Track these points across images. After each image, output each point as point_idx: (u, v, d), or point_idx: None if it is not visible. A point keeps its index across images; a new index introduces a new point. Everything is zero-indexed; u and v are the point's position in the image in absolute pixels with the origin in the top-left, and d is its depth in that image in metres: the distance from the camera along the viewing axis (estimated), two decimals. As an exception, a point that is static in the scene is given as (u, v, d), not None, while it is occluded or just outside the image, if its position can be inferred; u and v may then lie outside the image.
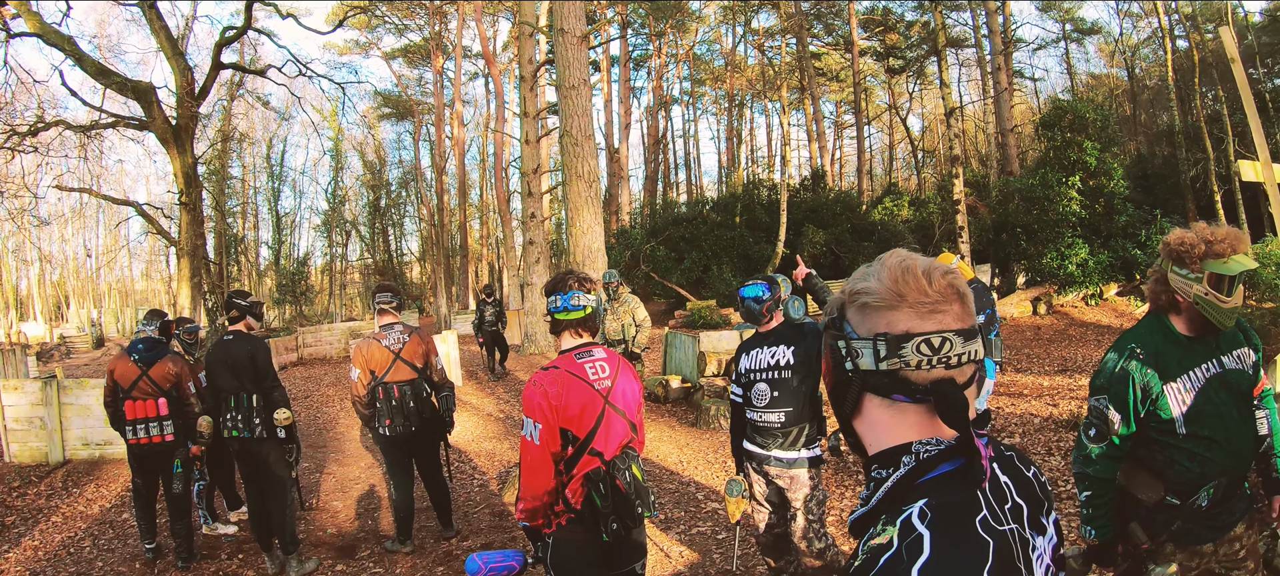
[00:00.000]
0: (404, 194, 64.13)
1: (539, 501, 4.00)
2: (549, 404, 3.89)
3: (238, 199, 56.05)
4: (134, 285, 66.80)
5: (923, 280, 1.49)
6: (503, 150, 44.74)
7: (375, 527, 9.05)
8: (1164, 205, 28.17)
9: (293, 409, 7.46)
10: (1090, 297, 24.17)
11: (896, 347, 1.46)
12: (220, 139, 47.08)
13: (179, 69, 23.72)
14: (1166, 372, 3.42)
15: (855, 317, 1.55)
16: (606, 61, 48.29)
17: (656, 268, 32.14)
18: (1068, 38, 50.07)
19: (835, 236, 31.80)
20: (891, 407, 1.53)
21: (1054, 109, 26.66)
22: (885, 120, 57.50)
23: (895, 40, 48.29)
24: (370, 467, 11.86)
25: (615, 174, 46.38)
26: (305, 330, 29.36)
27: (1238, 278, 3.29)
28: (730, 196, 39.23)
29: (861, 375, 1.53)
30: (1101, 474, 3.58)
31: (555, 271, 15.11)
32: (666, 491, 9.72)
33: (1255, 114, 5.13)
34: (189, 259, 23.80)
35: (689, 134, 62.16)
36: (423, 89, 57.04)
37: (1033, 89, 53.03)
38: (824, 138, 52.23)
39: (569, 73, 16.04)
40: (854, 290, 1.57)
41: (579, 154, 16.00)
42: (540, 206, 24.68)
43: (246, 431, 7.27)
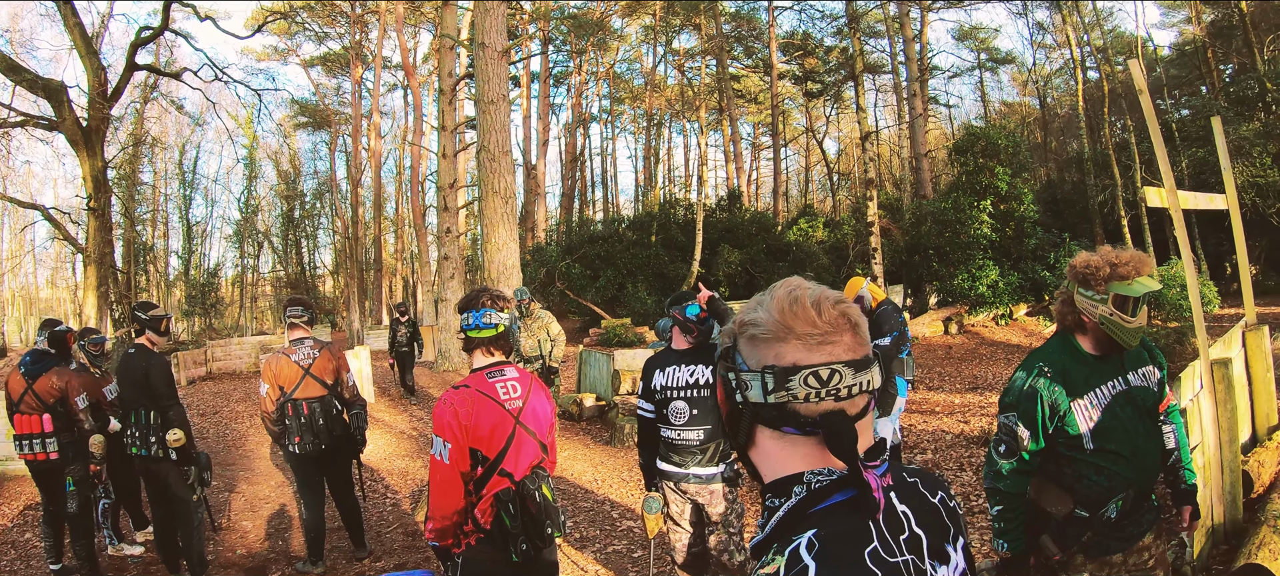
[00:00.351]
0: (318, 205, 63.25)
1: (448, 521, 3.98)
2: (459, 423, 3.87)
3: (148, 206, 54.69)
4: (39, 293, 64.94)
5: (811, 311, 1.47)
6: (420, 163, 44.47)
7: (286, 548, 8.90)
8: (1072, 229, 28.88)
9: (189, 428, 7.21)
10: (1000, 318, 24.62)
11: (784, 380, 1.43)
12: (132, 143, 45.87)
13: (92, 68, 23.18)
14: (1074, 390, 3.50)
15: (745, 349, 1.53)
16: (527, 77, 48.22)
17: (572, 285, 32.14)
18: (982, 66, 51.21)
19: (750, 256, 32.01)
20: (783, 439, 1.51)
21: (967, 135, 27.24)
22: (802, 143, 58.09)
23: (814, 65, 48.84)
24: (281, 486, 11.68)
25: (532, 190, 46.31)
26: (215, 343, 28.87)
27: (1141, 299, 3.38)
28: (647, 215, 39.37)
29: (752, 407, 1.50)
30: (1012, 488, 3.64)
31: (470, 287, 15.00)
32: (581, 510, 9.70)
33: (1161, 143, 5.28)
34: (96, 267, 23.23)
35: (607, 152, 62.32)
36: (341, 99, 56.35)
37: (947, 115, 54.05)
38: (741, 158, 52.60)
39: (488, 87, 15.98)
40: (743, 321, 1.55)
41: (496, 170, 15.95)
42: (456, 221, 24.56)
43: (144, 449, 7.08)
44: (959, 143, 27.57)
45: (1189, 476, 3.84)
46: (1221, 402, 5.84)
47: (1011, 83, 54.48)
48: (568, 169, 52.77)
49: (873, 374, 1.49)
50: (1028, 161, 27.04)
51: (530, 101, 49.37)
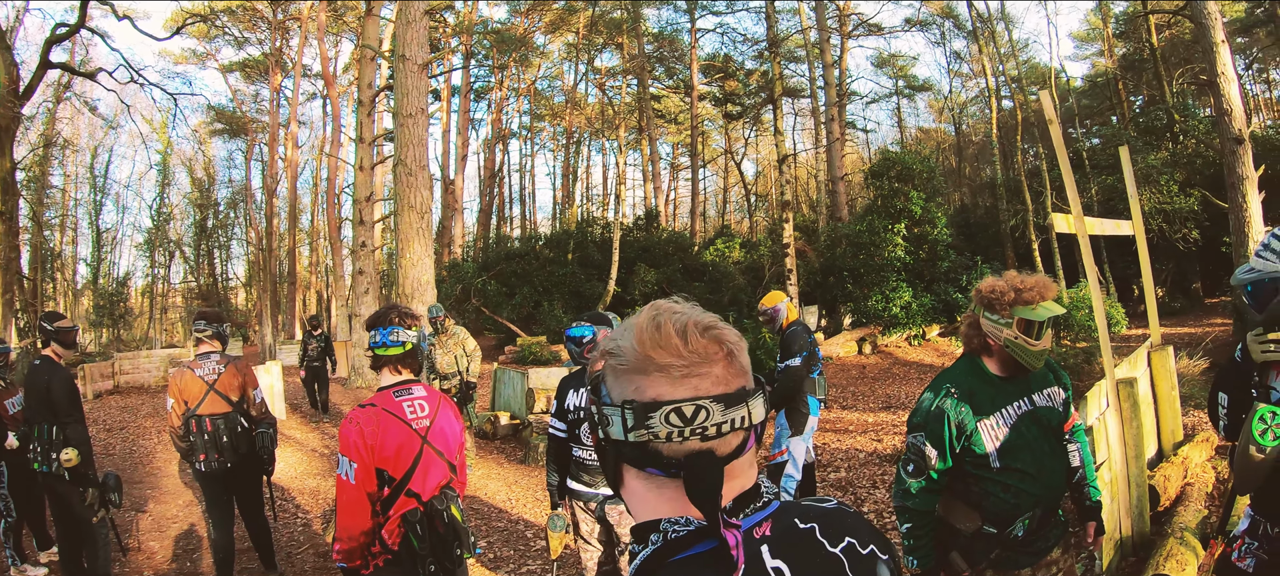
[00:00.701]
0: (232, 215, 62.15)
1: (355, 542, 3.93)
2: (365, 442, 3.85)
3: (57, 210, 53.16)
4: (-61, 299, 63.32)
5: (676, 339, 1.33)
6: (336, 175, 44.00)
7: (195, 569, 8.74)
8: (985, 252, 29.50)
9: (88, 448, 6.98)
10: (913, 338, 25.00)
11: (644, 417, 1.28)
12: (42, 144, 44.64)
13: (4, 64, 22.61)
14: (980, 410, 3.55)
15: (609, 380, 1.39)
16: (447, 91, 48.03)
17: (488, 302, 32.02)
18: (900, 93, 52.09)
19: (667, 276, 32.13)
20: (649, 480, 1.36)
21: (883, 159, 27.69)
22: (720, 164, 58.49)
23: (734, 87, 49.24)
24: (189, 505, 11.46)
25: (450, 205, 46.07)
26: (123, 356, 28.23)
27: (1045, 323, 3.44)
28: (564, 233, 39.34)
29: (613, 444, 1.36)
30: (920, 506, 3.68)
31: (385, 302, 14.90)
32: (495, 530, 9.65)
33: (1069, 171, 5.45)
34: (1, 273, 22.71)
35: (526, 169, 62.15)
36: (258, 106, 55.37)
37: (864, 140, 54.85)
38: (659, 178, 52.83)
39: (407, 100, 15.90)
40: (606, 350, 1.41)
41: (413, 184, 15.86)
42: (371, 235, 24.37)
43: (45, 466, 6.89)
44: (875, 167, 28.03)
45: (1094, 493, 3.93)
46: (1127, 420, 6.00)
47: (928, 109, 55.46)
48: (486, 185, 52.59)
49: (749, 409, 1.33)
50: (942, 186, 27.61)
51: (450, 115, 49.15)
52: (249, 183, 57.38)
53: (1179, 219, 25.91)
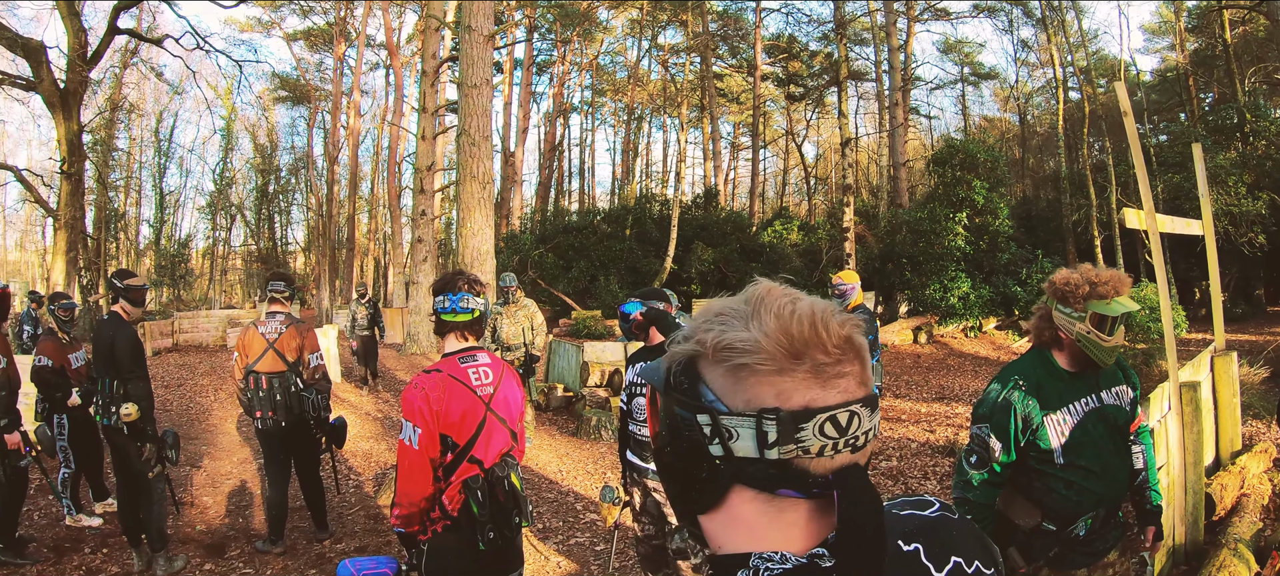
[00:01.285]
0: (293, 181, 62.72)
1: (415, 507, 3.92)
2: (429, 408, 3.82)
3: (122, 172, 53.83)
4: (6, 255, 64.15)
5: (822, 330, 1.08)
6: (398, 144, 44.23)
7: (247, 526, 8.84)
8: (1046, 246, 29.06)
9: (149, 404, 7.04)
10: (970, 330, 24.73)
11: (794, 429, 1.04)
12: (109, 108, 45.14)
13: (73, 30, 22.90)
14: (1047, 404, 3.50)
15: (723, 383, 1.10)
16: (510, 64, 47.93)
17: (544, 275, 32.03)
18: (965, 80, 51.42)
19: (724, 255, 31.98)
20: (770, 505, 1.11)
21: (947, 146, 27.36)
22: (781, 145, 58.05)
23: (797, 68, 48.87)
24: (243, 462, 11.60)
25: (509, 177, 46.12)
26: (182, 315, 28.67)
27: (1119, 318, 3.38)
28: (622, 208, 39.27)
29: (736, 464, 1.09)
30: (981, 499, 3.63)
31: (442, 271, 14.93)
32: (545, 500, 9.68)
33: (1143, 165, 5.30)
34: (66, 232, 23.00)
35: (586, 143, 62.10)
36: (322, 75, 55.69)
37: (927, 126, 54.31)
38: (720, 157, 52.59)
39: (472, 71, 15.90)
40: (722, 344, 1.10)
41: (476, 154, 15.87)
42: (431, 204, 24.47)
43: (106, 419, 7.00)
44: (938, 154, 27.68)
45: (1155, 497, 3.86)
46: (1188, 425, 5.89)
47: (993, 98, 54.77)
48: (546, 158, 52.59)
49: (878, 416, 1.14)
50: (1005, 177, 27.16)
51: (511, 88, 49.11)
52: (311, 150, 57.91)
53: (1245, 222, 25.42)
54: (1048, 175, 40.61)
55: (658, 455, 1.22)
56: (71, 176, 22.89)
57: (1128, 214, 5.74)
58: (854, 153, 32.39)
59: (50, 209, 25.32)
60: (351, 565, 3.96)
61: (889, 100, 36.78)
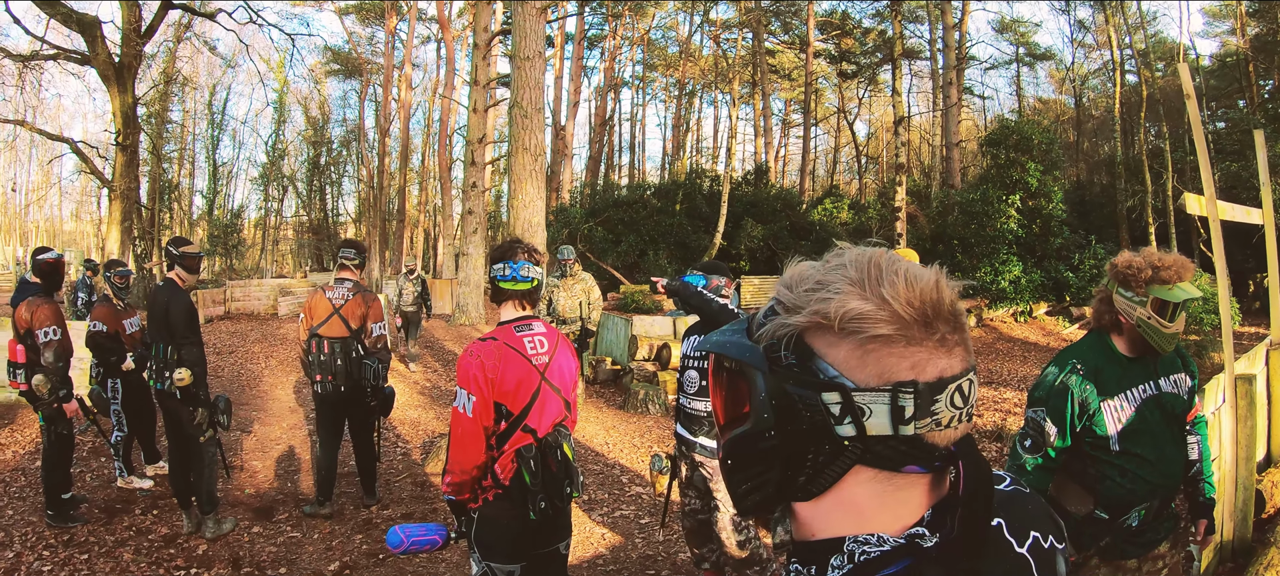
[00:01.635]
0: (345, 153, 63.02)
1: (467, 475, 3.93)
2: (485, 376, 3.83)
3: (175, 144, 54.59)
4: (63, 225, 65.07)
5: (945, 297, 1.06)
6: (449, 117, 44.36)
7: (294, 490, 8.93)
8: (1099, 232, 28.65)
9: (202, 370, 7.16)
10: (1020, 314, 24.51)
11: (930, 401, 1.00)
12: (163, 81, 45.67)
13: (127, 4, 23.10)
14: (1105, 389, 3.45)
15: (849, 357, 1.03)
16: (561, 37, 47.97)
17: (593, 248, 32.09)
18: (1020, 60, 50.76)
19: (773, 232, 31.89)
20: (890, 482, 1.06)
21: (1001, 127, 27.09)
22: (833, 122, 57.67)
23: (850, 45, 48.50)
24: (292, 428, 11.71)
25: (560, 151, 46.17)
26: (235, 284, 28.94)
27: (1181, 305, 3.31)
28: (672, 184, 39.23)
29: (864, 443, 1.03)
30: (1034, 484, 3.56)
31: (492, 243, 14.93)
32: (591, 472, 9.72)
33: (1205, 151, 5.18)
34: (121, 202, 23.26)
35: (636, 118, 62.00)
36: (373, 48, 56.03)
37: (981, 106, 53.68)
38: (770, 134, 52.36)
39: (525, 43, 15.91)
40: (850, 315, 1.02)
41: (528, 126, 15.89)
42: (482, 177, 24.57)
43: (160, 384, 7.11)
44: (992, 134, 27.42)
45: (1208, 489, 3.81)
46: (1242, 418, 5.78)
47: (1048, 79, 53.98)
48: (596, 132, 52.60)
49: None
50: (1059, 159, 26.82)
51: (562, 62, 49.14)
52: (362, 122, 58.23)
53: (1306, 213, 24.92)
54: (1103, 159, 40.07)
55: (750, 439, 1.10)
56: (126, 148, 23.13)
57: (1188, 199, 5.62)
58: (907, 132, 32.18)
59: (105, 180, 25.59)
60: (401, 531, 3.96)
61: (943, 79, 36.42)
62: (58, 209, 64.16)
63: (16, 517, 7.68)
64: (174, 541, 7.26)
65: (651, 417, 12.73)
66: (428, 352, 18.50)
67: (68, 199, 63.28)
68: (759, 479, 1.12)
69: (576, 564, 6.88)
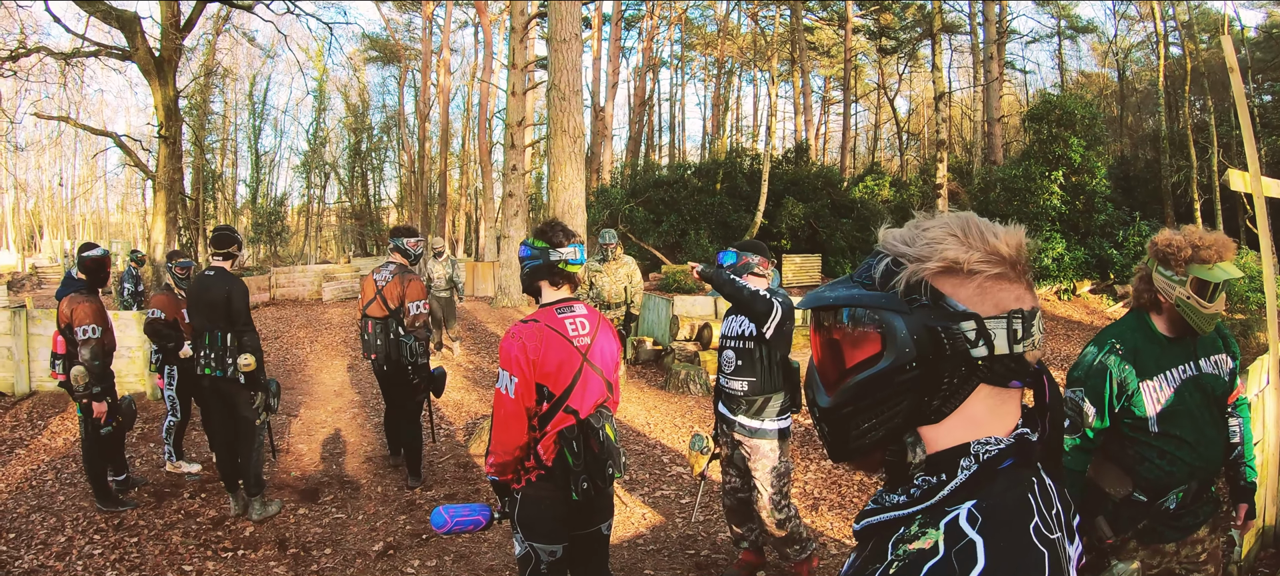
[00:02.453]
0: (385, 139, 63.50)
1: (510, 456, 3.96)
2: (527, 358, 3.84)
3: (217, 135, 55.19)
4: (109, 217, 66.07)
5: (1025, 246, 1.33)
6: (488, 101, 44.56)
7: (339, 472, 9.01)
8: (1143, 208, 28.27)
9: (261, 355, 7.36)
10: (1064, 292, 24.26)
11: (1030, 325, 1.27)
12: (203, 73, 46.11)
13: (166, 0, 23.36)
14: (1144, 370, 3.42)
15: (973, 293, 1.28)
16: (598, 19, 47.93)
17: (634, 229, 32.12)
18: (1062, 34, 50.15)
19: (814, 211, 31.82)
20: (998, 397, 1.31)
21: (1043, 102, 26.68)
22: (873, 99, 57.27)
23: (889, 20, 48.19)
24: (337, 411, 11.82)
25: (599, 132, 46.19)
26: (279, 270, 29.23)
27: (1221, 285, 3.27)
28: (713, 163, 39.12)
29: (993, 362, 1.27)
30: (1072, 465, 3.58)
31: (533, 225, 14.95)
32: (633, 453, 9.73)
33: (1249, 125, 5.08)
34: (166, 193, 23.45)
35: (675, 98, 62.06)
36: (411, 34, 56.40)
37: (1022, 81, 53.15)
38: (810, 112, 52.20)
39: (561, 26, 15.91)
40: (974, 260, 1.28)
41: (566, 109, 15.90)
42: (522, 159, 24.62)
43: (219, 370, 7.19)
44: (1034, 110, 27.05)
45: (1249, 473, 3.76)
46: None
47: (1091, 53, 53.28)
48: (635, 113, 52.61)
49: None
50: (1102, 134, 26.45)
51: (600, 43, 49.10)
52: (402, 108, 58.75)
53: (1354, 188, 24.51)
54: (1147, 134, 39.53)
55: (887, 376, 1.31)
56: (169, 140, 23.31)
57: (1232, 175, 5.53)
58: (947, 107, 31.94)
59: (150, 172, 25.84)
60: (445, 511, 4.00)
61: (984, 54, 36.13)
62: (103, 201, 65.18)
63: (68, 503, 7.81)
64: (221, 524, 7.36)
65: (692, 397, 12.72)
66: (470, 334, 18.57)
67: (113, 191, 64.30)
68: (888, 412, 1.33)
69: (617, 543, 6.90)
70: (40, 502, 7.90)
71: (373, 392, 12.91)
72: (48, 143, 57.10)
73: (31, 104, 36.13)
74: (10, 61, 24.05)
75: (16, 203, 57.47)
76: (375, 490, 8.32)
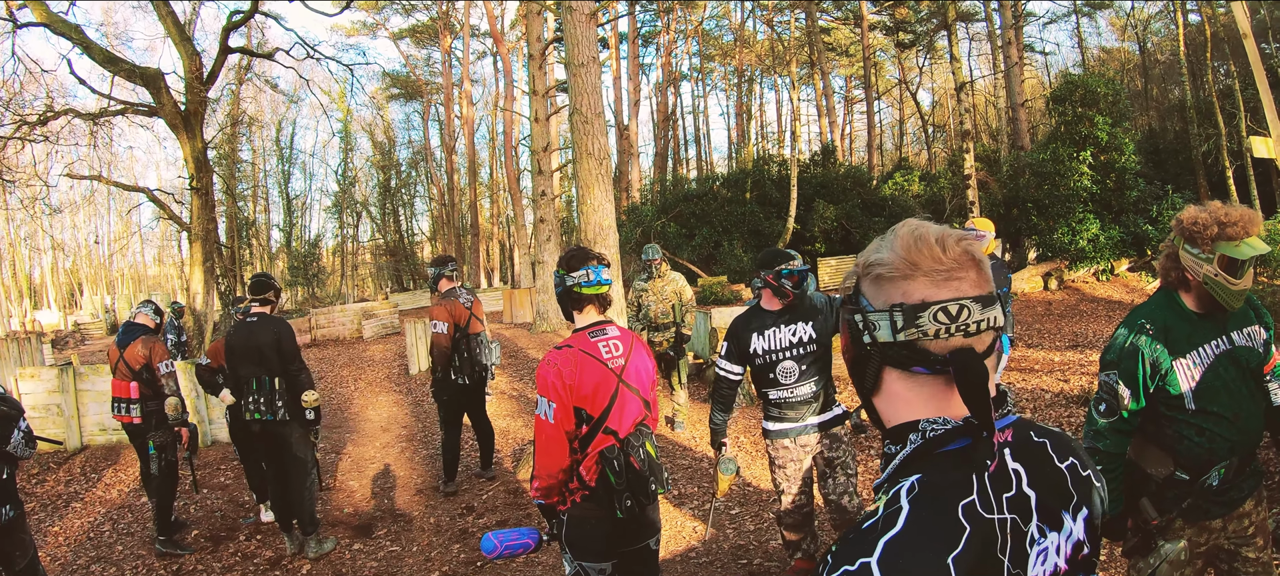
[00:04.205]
0: (414, 174, 63.87)
1: (554, 479, 4.04)
2: (563, 383, 3.92)
3: (248, 182, 55.87)
4: (147, 271, 66.69)
5: (936, 248, 1.46)
6: (512, 129, 44.71)
7: (391, 506, 9.12)
8: (1175, 180, 27.93)
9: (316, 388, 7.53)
10: (1101, 273, 24.07)
11: (913, 317, 1.43)
12: (229, 123, 46.64)
13: (187, 54, 23.56)
14: (1175, 348, 3.43)
15: (870, 290, 1.53)
16: (615, 38, 48.02)
17: (668, 244, 32.11)
18: (1079, 11, 49.66)
19: (846, 211, 31.72)
20: (910, 381, 1.50)
21: (1065, 83, 26.49)
22: (895, 95, 57.10)
23: (905, 14, 47.97)
24: (385, 447, 11.93)
25: (625, 151, 46.27)
26: (318, 311, 29.41)
27: (1248, 261, 3.27)
28: (740, 172, 39.01)
29: (880, 348, 1.49)
30: (1111, 448, 3.60)
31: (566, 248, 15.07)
32: (680, 467, 9.77)
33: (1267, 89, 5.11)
34: (201, 243, 23.66)
35: (698, 110, 62.01)
36: (431, 69, 56.72)
37: (1043, 63, 52.73)
38: (834, 113, 52.18)
39: (577, 50, 15.97)
40: (868, 262, 1.54)
41: (589, 131, 15.94)
42: (550, 184, 24.72)
43: (269, 414, 7.32)
44: (1057, 91, 26.84)
45: None
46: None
47: (1109, 28, 52.76)
48: (660, 128, 52.64)
49: (998, 311, 1.48)
50: (1128, 110, 26.16)
51: (619, 62, 49.18)
52: (428, 142, 59.14)
53: (1384, 148, 24.15)
54: (1173, 105, 38.95)
55: (846, 357, 1.62)
56: (200, 191, 23.55)
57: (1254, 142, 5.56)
58: (970, 97, 31.78)
59: (184, 223, 26.10)
60: (495, 537, 4.11)
61: (1002, 39, 35.87)
62: (140, 255, 65.82)
63: (126, 552, 7.97)
64: (278, 563, 7.48)
65: (736, 409, 12.75)
66: (511, 361, 18.64)
67: (149, 245, 64.94)
68: (855, 384, 1.63)
69: (670, 558, 6.96)
70: (99, 553, 8.08)
71: (419, 426, 13.05)
72: (82, 202, 57.81)
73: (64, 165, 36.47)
74: (39, 126, 24.38)
75: (55, 262, 58.14)
76: (428, 521, 8.42)
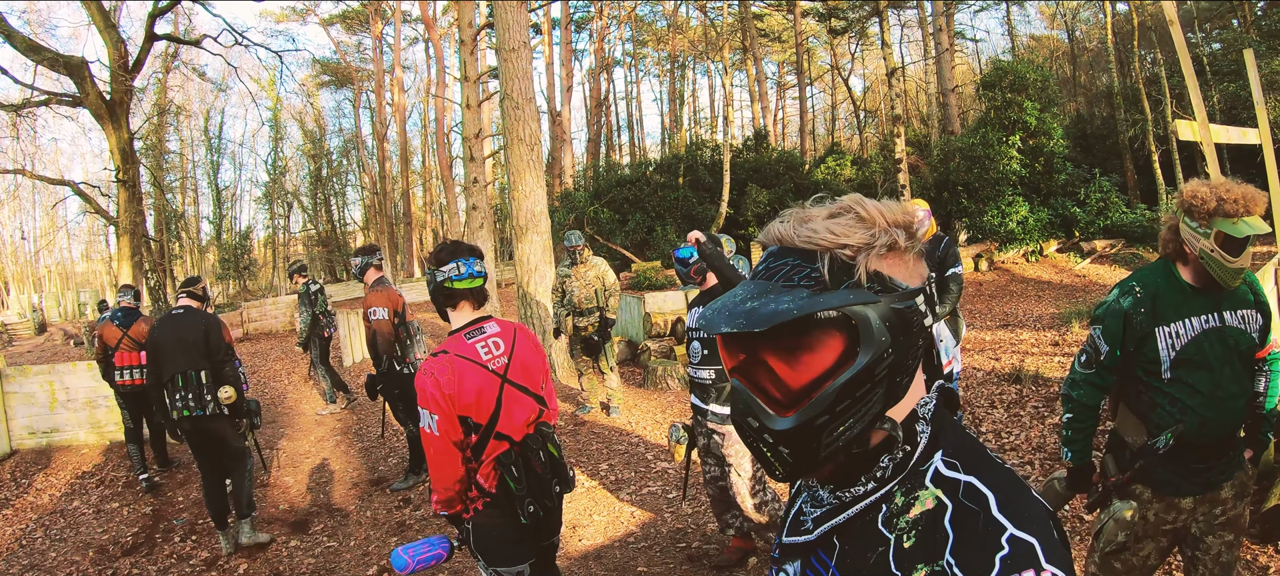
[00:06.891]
0: (345, 162, 63.08)
1: (451, 491, 3.92)
2: (442, 393, 3.74)
3: (176, 174, 54.76)
4: (75, 267, 65.64)
5: None
6: (444, 115, 44.39)
7: (327, 501, 9.03)
8: (1103, 164, 28.40)
9: (240, 384, 7.44)
10: (1030, 254, 24.45)
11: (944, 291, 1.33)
12: (156, 113, 45.68)
13: (112, 42, 23.11)
14: (1161, 315, 3.46)
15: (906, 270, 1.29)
16: (547, 24, 47.86)
17: (601, 230, 32.11)
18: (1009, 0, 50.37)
19: (778, 196, 31.84)
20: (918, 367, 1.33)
21: (995, 69, 26.86)
22: (827, 81, 57.34)
23: (838, 1, 48.29)
24: (320, 441, 11.82)
25: (558, 137, 46.13)
26: (250, 304, 29.13)
27: (1248, 239, 3.28)
28: (673, 157, 39.08)
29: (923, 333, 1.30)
30: (1085, 399, 3.68)
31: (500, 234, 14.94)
32: (616, 452, 9.79)
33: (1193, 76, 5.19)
34: (129, 237, 23.30)
35: (631, 96, 61.99)
36: (362, 55, 56.10)
37: (974, 50, 53.28)
38: (766, 98, 52.31)
39: (508, 35, 15.93)
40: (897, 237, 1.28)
41: (520, 117, 15.90)
42: (482, 171, 24.56)
43: (199, 409, 7.21)
44: (987, 77, 27.24)
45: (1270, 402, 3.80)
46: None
47: (1039, 16, 53.43)
48: (593, 114, 52.58)
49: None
50: (1057, 96, 26.61)
51: (552, 48, 48.96)
52: (359, 130, 58.46)
53: (1305, 129, 24.71)
54: (1100, 92, 39.55)
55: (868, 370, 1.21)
56: (127, 183, 23.19)
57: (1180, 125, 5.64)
58: (901, 82, 32.09)
59: (110, 217, 25.75)
60: (405, 552, 3.80)
61: (933, 26, 36.26)
62: (68, 252, 64.67)
63: (60, 559, 7.84)
64: (214, 564, 7.39)
65: (671, 392, 12.79)
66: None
67: (76, 240, 63.83)
68: (866, 404, 1.24)
69: (608, 543, 6.97)
70: (32, 561, 7.93)
71: (354, 419, 12.94)
72: (5, 197, 56.54)
73: (-15, 159, 35.85)
74: (-42, 118, 23.88)
75: (-22, 261, 56.96)
76: (364, 515, 8.37)
